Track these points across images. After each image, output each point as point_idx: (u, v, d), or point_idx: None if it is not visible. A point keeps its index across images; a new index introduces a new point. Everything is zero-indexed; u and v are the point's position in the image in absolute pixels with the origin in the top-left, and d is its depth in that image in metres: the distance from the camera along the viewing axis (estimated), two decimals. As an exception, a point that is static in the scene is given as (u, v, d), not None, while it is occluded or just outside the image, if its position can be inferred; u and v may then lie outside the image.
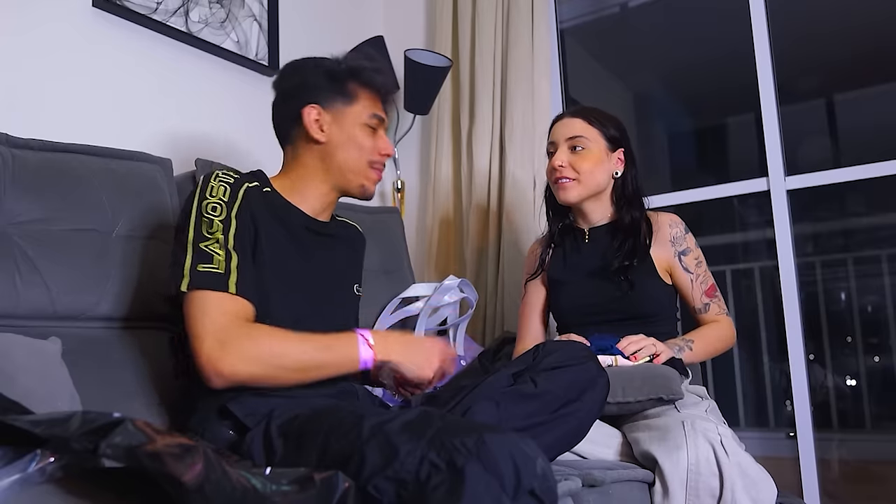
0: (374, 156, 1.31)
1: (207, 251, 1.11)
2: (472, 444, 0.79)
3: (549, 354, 1.20)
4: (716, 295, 1.63)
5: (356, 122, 1.30)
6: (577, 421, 1.17)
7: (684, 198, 2.28)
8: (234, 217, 1.16)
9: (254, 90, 2.09)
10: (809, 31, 3.53)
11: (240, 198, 1.18)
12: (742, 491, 1.22)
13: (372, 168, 1.32)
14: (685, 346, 1.55)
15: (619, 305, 1.58)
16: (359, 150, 1.29)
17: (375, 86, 1.32)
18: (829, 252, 4.24)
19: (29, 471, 0.67)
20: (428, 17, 2.60)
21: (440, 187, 2.39)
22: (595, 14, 3.30)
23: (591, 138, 1.61)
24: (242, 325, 1.08)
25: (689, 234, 1.64)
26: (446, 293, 1.92)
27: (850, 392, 3.88)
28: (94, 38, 1.71)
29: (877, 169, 1.99)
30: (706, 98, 4.72)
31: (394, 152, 1.33)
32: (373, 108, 1.31)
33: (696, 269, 1.61)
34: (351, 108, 1.30)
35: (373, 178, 1.32)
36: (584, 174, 1.59)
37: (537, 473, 0.79)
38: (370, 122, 1.30)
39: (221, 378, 1.05)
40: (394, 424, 0.87)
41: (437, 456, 0.80)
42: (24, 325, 1.19)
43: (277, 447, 1.01)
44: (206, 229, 1.13)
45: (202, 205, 1.16)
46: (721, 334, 1.62)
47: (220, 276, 1.09)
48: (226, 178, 1.20)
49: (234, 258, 1.11)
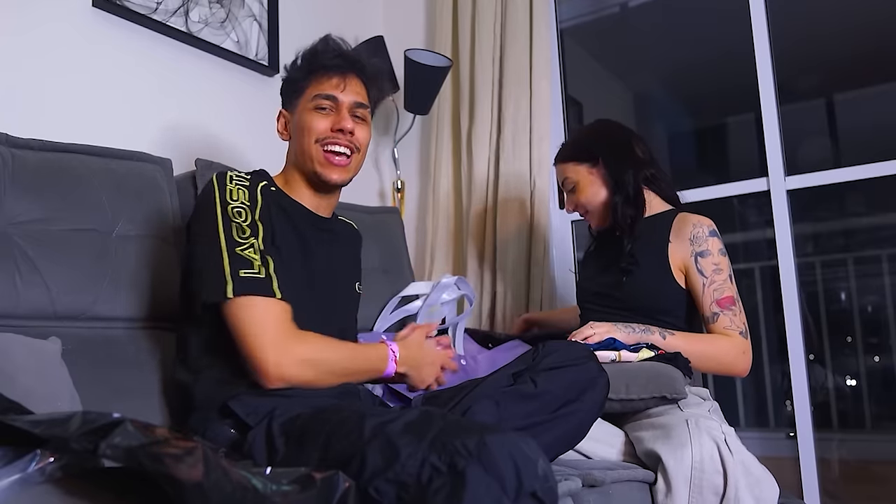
0: (320, 134, 1.28)
1: (245, 257, 1.12)
2: (473, 446, 0.78)
3: (549, 354, 1.20)
4: (730, 308, 1.52)
5: (304, 110, 1.31)
6: (577, 421, 1.17)
7: (684, 198, 2.26)
8: (259, 220, 1.18)
9: (254, 90, 2.09)
10: (809, 31, 3.53)
11: (259, 199, 1.21)
12: (745, 489, 1.22)
13: (324, 150, 1.28)
14: (662, 333, 1.51)
15: (616, 297, 1.61)
16: (307, 134, 1.29)
17: (315, 67, 1.31)
18: (829, 252, 4.24)
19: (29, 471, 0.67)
20: (428, 17, 2.60)
21: (440, 187, 2.39)
22: (595, 14, 3.30)
23: (573, 174, 1.71)
24: (297, 331, 1.12)
25: (716, 238, 1.57)
26: (444, 291, 1.92)
27: (850, 392, 3.88)
28: (94, 37, 1.71)
29: (877, 169, 1.99)
30: (706, 98, 4.72)
31: (348, 125, 1.27)
32: (317, 89, 1.29)
33: (713, 275, 1.54)
34: (300, 99, 1.32)
35: (323, 161, 1.28)
36: (588, 204, 1.70)
37: (538, 475, 0.79)
38: (316, 103, 1.29)
39: (284, 381, 1.09)
40: (395, 425, 0.87)
41: (438, 458, 0.80)
42: (24, 325, 1.19)
43: (279, 446, 1.01)
44: (237, 234, 1.14)
45: (227, 209, 1.16)
46: (718, 346, 1.51)
47: (262, 280, 1.11)
48: (241, 181, 1.23)
49: (270, 263, 1.14)
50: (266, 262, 1.13)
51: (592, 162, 1.68)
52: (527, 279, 2.18)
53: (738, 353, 1.51)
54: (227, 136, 2.00)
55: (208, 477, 0.64)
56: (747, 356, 1.52)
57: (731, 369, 1.53)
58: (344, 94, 1.29)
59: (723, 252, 1.57)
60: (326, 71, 1.30)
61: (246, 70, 2.08)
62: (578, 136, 1.78)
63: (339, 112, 1.29)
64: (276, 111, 1.41)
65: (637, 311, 1.58)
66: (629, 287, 1.61)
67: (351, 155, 1.30)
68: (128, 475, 0.68)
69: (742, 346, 1.52)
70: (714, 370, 1.55)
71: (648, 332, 1.51)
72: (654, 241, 1.61)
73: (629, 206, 1.63)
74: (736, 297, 1.55)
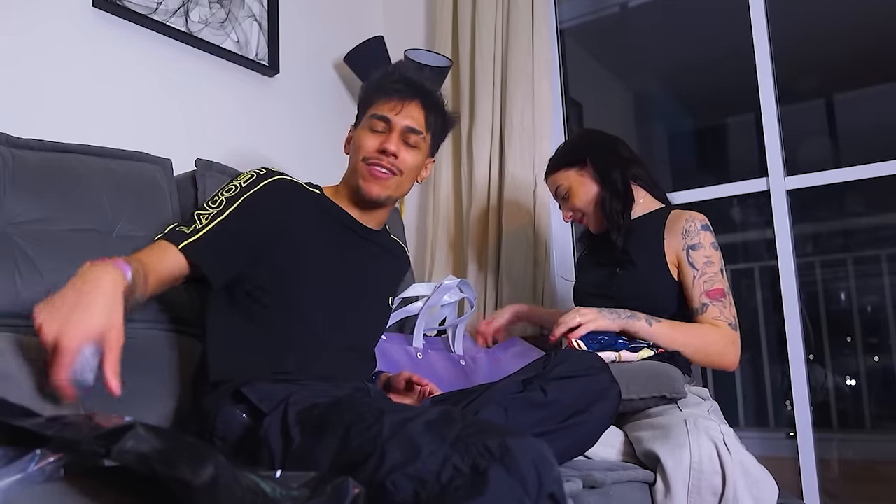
0: (366, 153, 1.33)
1: (194, 218, 1.19)
2: (496, 448, 0.79)
3: (561, 363, 1.19)
4: (719, 300, 1.52)
5: (362, 128, 1.37)
6: (585, 432, 1.17)
7: (684, 198, 2.27)
8: (246, 198, 1.23)
9: (254, 90, 2.09)
10: (809, 32, 3.54)
11: (262, 184, 1.26)
12: (744, 489, 1.22)
13: (368, 166, 1.33)
14: (648, 320, 1.50)
15: (612, 296, 1.62)
16: (357, 151, 1.36)
17: (373, 89, 1.38)
18: (829, 252, 4.24)
19: (29, 471, 0.67)
20: (428, 17, 2.60)
21: (440, 187, 2.39)
22: (595, 14, 3.30)
23: (564, 180, 1.74)
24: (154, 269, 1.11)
25: (708, 232, 1.59)
26: (445, 293, 1.92)
27: (849, 392, 3.88)
28: (95, 38, 1.71)
29: (877, 169, 1.99)
30: (706, 98, 4.72)
31: (391, 147, 1.32)
32: (375, 110, 1.35)
33: (704, 268, 1.54)
34: (362, 119, 1.39)
35: (366, 175, 1.33)
36: (584, 206, 1.72)
37: (556, 478, 0.79)
38: (371, 123, 1.35)
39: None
40: (416, 424, 0.86)
41: (460, 459, 0.79)
42: (24, 325, 1.19)
43: (295, 435, 1.00)
44: (208, 202, 1.23)
45: (224, 186, 1.26)
46: (705, 335, 1.49)
47: (180, 234, 1.16)
48: (258, 170, 1.29)
49: (209, 228, 1.17)
50: (207, 227, 1.17)
51: (581, 164, 1.72)
52: (527, 280, 2.18)
53: (726, 343, 1.50)
54: (228, 136, 2.00)
55: (219, 480, 0.64)
56: (735, 347, 1.51)
57: (720, 360, 1.52)
58: (398, 118, 1.33)
59: (714, 246, 1.58)
60: (387, 94, 1.35)
61: (246, 70, 2.08)
62: (564, 146, 1.84)
63: (390, 134, 1.33)
64: (276, 111, 1.42)
65: (633, 309, 1.58)
66: (625, 285, 1.61)
67: (393, 175, 1.33)
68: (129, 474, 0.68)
69: (731, 337, 1.50)
70: (702, 361, 1.52)
71: (634, 318, 1.51)
72: (648, 238, 1.62)
73: (618, 199, 1.66)
74: (727, 289, 1.55)
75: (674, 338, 1.48)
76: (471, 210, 2.30)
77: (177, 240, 1.15)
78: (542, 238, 2.20)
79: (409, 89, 1.35)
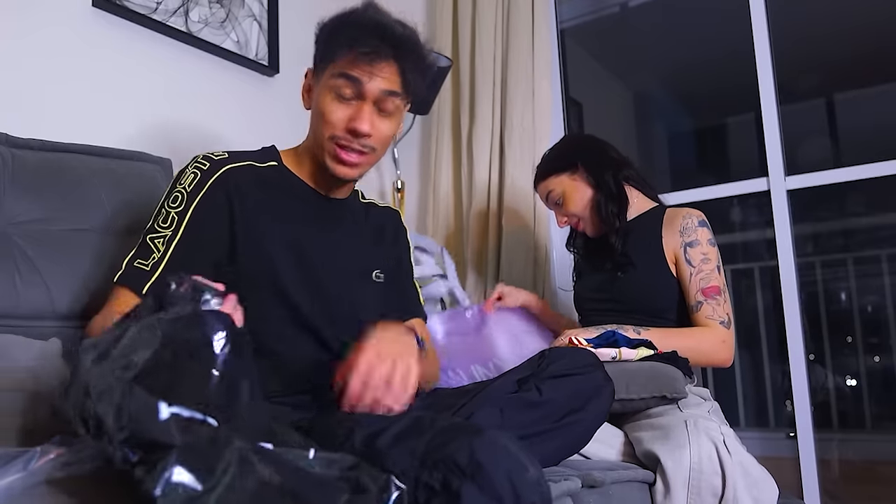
0: (334, 131, 1.13)
1: (150, 246, 1.11)
2: (466, 464, 0.75)
3: (556, 361, 1.17)
4: (714, 298, 1.52)
5: (325, 87, 1.14)
6: (581, 430, 1.16)
7: (684, 198, 2.27)
8: (194, 207, 1.13)
9: (254, 90, 2.09)
10: (809, 32, 3.54)
11: (207, 185, 1.15)
12: (744, 490, 1.22)
13: (337, 147, 1.14)
14: (636, 329, 1.50)
15: (613, 298, 1.62)
16: (322, 124, 1.14)
17: (347, 38, 1.11)
18: (829, 252, 4.25)
19: (29, 470, 0.67)
20: (428, 17, 2.60)
21: (440, 187, 2.39)
22: (595, 14, 3.30)
23: (557, 186, 1.72)
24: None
25: (705, 228, 1.58)
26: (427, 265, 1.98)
27: (850, 392, 3.88)
28: (94, 37, 1.71)
29: (877, 169, 1.99)
30: (706, 98, 4.73)
31: (364, 128, 1.11)
32: (343, 66, 1.11)
33: (700, 265, 1.54)
34: (325, 69, 1.14)
35: (334, 155, 1.15)
36: (578, 212, 1.70)
37: (532, 482, 0.77)
38: (335, 85, 1.12)
39: None
40: (385, 438, 0.84)
41: (430, 476, 0.77)
42: (24, 325, 1.19)
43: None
44: (160, 222, 1.13)
45: (170, 192, 1.15)
46: (694, 337, 1.50)
47: (143, 273, 1.08)
48: (201, 165, 1.17)
49: (168, 256, 1.10)
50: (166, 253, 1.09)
51: (572, 169, 1.71)
52: (527, 280, 2.18)
53: (716, 341, 1.50)
54: (227, 136, 1.99)
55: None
56: (727, 346, 1.50)
57: (712, 359, 1.52)
58: (372, 83, 1.11)
59: (712, 242, 1.58)
60: (356, 48, 1.10)
61: (246, 70, 2.08)
62: (551, 152, 1.80)
63: (360, 104, 1.13)
64: (275, 111, 1.39)
65: (635, 311, 1.59)
66: (627, 288, 1.61)
67: (365, 155, 1.17)
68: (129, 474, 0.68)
69: (721, 336, 1.50)
70: (695, 362, 1.51)
71: (621, 329, 1.50)
72: (646, 237, 1.62)
73: (613, 202, 1.66)
74: (722, 287, 1.55)
75: (665, 343, 1.47)
76: (470, 210, 2.30)
77: (139, 283, 1.08)
78: (541, 238, 2.20)
79: (384, 43, 1.10)
